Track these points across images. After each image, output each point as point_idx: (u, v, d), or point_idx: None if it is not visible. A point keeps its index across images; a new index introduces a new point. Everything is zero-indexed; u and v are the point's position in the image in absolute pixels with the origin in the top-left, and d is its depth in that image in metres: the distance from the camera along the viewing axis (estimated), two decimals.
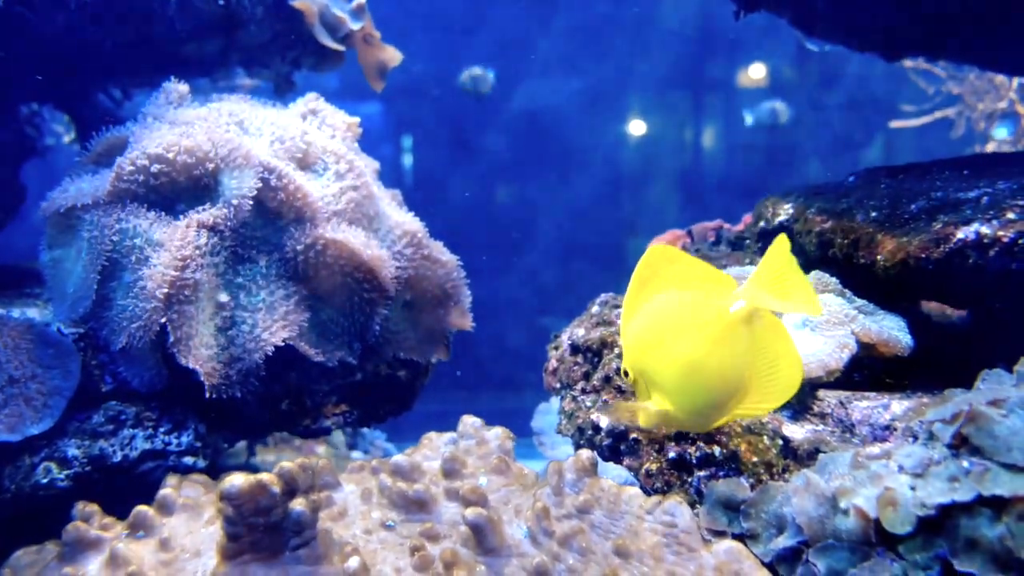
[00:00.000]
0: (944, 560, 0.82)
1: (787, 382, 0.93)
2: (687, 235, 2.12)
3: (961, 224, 1.12)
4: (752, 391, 0.94)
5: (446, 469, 1.15)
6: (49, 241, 1.40)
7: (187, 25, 1.66)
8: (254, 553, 0.91)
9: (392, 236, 1.55)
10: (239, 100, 1.58)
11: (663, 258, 0.99)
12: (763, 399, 0.94)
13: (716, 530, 1.04)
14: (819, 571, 0.89)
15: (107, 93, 2.08)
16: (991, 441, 0.85)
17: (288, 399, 1.49)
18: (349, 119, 1.65)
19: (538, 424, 2.61)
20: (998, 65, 2.28)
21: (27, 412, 1.23)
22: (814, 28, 1.98)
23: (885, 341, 1.15)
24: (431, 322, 1.62)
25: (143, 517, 1.09)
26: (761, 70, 4.95)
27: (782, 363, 0.93)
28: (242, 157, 1.34)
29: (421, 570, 0.97)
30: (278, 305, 1.36)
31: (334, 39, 1.90)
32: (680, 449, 1.13)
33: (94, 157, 1.48)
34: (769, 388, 0.93)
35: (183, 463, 1.33)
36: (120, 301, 1.28)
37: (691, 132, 5.06)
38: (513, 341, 4.59)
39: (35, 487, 1.23)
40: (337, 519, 1.09)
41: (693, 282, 0.97)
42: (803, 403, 1.13)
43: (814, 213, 1.39)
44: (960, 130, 3.47)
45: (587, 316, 1.56)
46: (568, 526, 1.04)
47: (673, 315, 0.97)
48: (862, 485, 0.91)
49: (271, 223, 1.40)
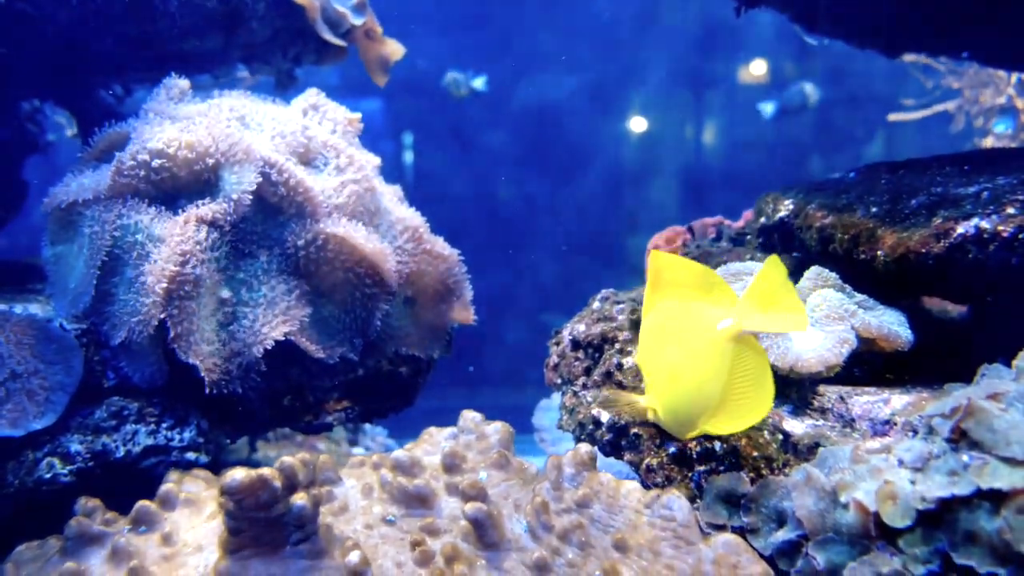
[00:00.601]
0: (943, 553, 0.83)
1: (754, 409, 0.95)
2: (688, 231, 2.12)
3: (961, 219, 1.12)
4: (723, 409, 0.96)
5: (446, 464, 1.15)
6: (51, 237, 1.40)
7: (189, 21, 1.66)
8: (255, 547, 0.91)
9: (393, 231, 1.55)
10: (240, 96, 1.58)
11: (670, 265, 1.01)
12: (730, 420, 0.96)
13: (716, 524, 1.04)
14: (819, 564, 0.90)
15: (108, 89, 2.08)
16: (990, 435, 0.85)
17: (290, 395, 1.50)
18: (350, 114, 1.65)
19: (539, 420, 2.62)
20: (998, 60, 2.27)
21: (30, 407, 1.24)
22: (815, 24, 1.98)
23: (885, 336, 1.15)
24: (432, 318, 1.62)
25: (145, 512, 1.09)
26: (762, 66, 4.95)
27: (755, 389, 0.95)
28: (242, 152, 1.34)
29: (422, 565, 0.98)
30: (279, 300, 1.36)
31: (336, 34, 1.90)
32: (680, 444, 1.13)
33: (96, 153, 1.48)
34: (738, 410, 0.95)
35: (185, 459, 1.33)
36: (122, 296, 1.29)
37: (692, 128, 5.06)
38: (514, 337, 4.60)
39: (38, 482, 1.23)
40: (338, 514, 1.09)
41: (699, 290, 0.98)
42: (803, 398, 1.14)
43: (815, 209, 1.39)
44: (959, 124, 3.47)
45: (588, 312, 1.56)
46: (567, 520, 1.04)
47: (670, 322, 1.00)
48: (862, 479, 0.91)
49: (272, 218, 1.40)
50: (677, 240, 2.04)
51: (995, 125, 3.30)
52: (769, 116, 4.01)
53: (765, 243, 1.68)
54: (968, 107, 3.43)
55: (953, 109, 3.48)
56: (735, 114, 5.04)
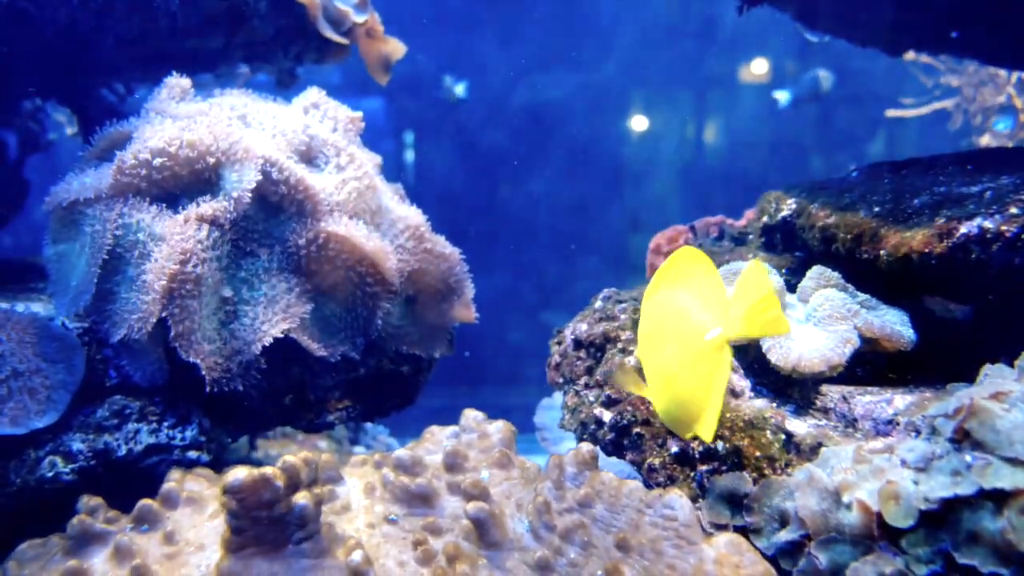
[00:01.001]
0: (946, 554, 0.82)
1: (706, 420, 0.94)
2: (689, 230, 2.11)
3: (964, 219, 1.12)
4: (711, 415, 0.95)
5: (448, 463, 1.15)
6: (53, 235, 1.40)
7: (190, 20, 1.66)
8: (258, 546, 0.91)
9: (395, 230, 1.55)
10: (241, 94, 1.58)
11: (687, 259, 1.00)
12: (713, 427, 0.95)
13: (719, 523, 1.04)
14: (821, 564, 0.90)
15: (110, 88, 2.08)
16: (993, 435, 0.85)
17: (291, 394, 1.49)
18: (351, 113, 1.65)
19: (541, 420, 2.61)
20: (999, 59, 2.27)
21: (32, 406, 1.24)
22: (816, 21, 1.98)
23: (888, 336, 1.15)
24: (434, 316, 1.62)
25: (147, 511, 1.09)
26: (763, 65, 4.94)
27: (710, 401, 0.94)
28: (243, 151, 1.34)
29: (424, 564, 0.98)
30: (279, 298, 1.36)
31: (337, 33, 1.90)
32: (683, 444, 1.13)
33: (97, 152, 1.48)
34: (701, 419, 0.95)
35: (187, 457, 1.33)
36: (123, 295, 1.29)
37: (693, 127, 5.05)
38: (514, 337, 4.60)
39: (40, 481, 1.23)
40: (340, 513, 1.09)
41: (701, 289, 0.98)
42: (806, 398, 1.14)
43: (817, 208, 1.39)
44: (957, 123, 3.47)
45: (590, 311, 1.56)
46: (569, 520, 1.04)
47: (666, 322, 1.00)
48: (864, 479, 0.91)
49: (273, 216, 1.40)
50: (679, 239, 2.04)
51: (995, 124, 3.30)
52: (784, 104, 3.97)
53: (767, 242, 1.67)
54: (967, 105, 3.43)
55: (951, 107, 3.48)
56: (736, 113, 5.04)
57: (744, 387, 1.17)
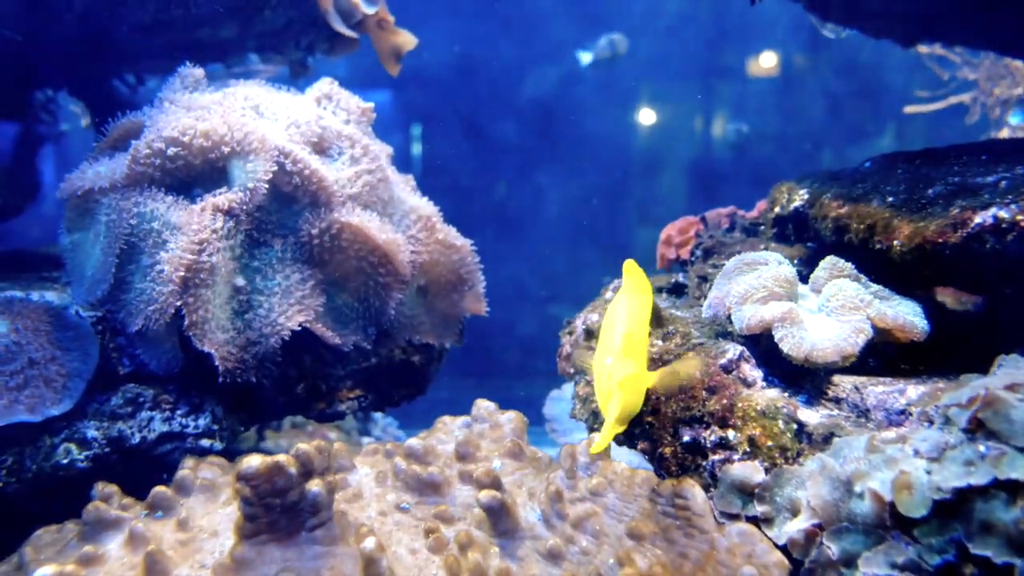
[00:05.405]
0: (959, 543, 0.82)
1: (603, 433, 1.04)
2: (700, 222, 2.11)
3: (979, 209, 1.11)
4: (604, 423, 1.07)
5: (460, 452, 1.16)
6: (68, 224, 1.41)
7: (204, 9, 1.66)
8: (271, 533, 0.92)
9: (407, 221, 1.55)
10: (254, 85, 1.58)
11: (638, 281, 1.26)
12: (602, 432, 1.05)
13: (731, 513, 1.04)
14: (833, 554, 0.90)
15: (122, 79, 2.09)
16: (1007, 425, 0.84)
17: (303, 383, 1.50)
18: (363, 104, 1.65)
19: (550, 411, 2.62)
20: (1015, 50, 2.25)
21: (47, 394, 1.25)
22: (829, 13, 1.97)
23: (901, 326, 1.14)
24: (445, 307, 1.63)
25: (161, 498, 1.10)
26: (772, 58, 4.91)
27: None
28: (257, 141, 1.35)
29: (436, 552, 0.98)
30: (294, 289, 1.37)
31: (348, 25, 1.90)
32: (695, 433, 1.13)
33: (111, 142, 1.49)
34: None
35: (200, 445, 1.34)
36: (138, 284, 1.29)
37: (702, 120, 5.03)
38: (523, 329, 4.59)
39: (55, 467, 1.24)
40: (352, 501, 1.09)
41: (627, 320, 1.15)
42: (818, 388, 1.13)
43: (830, 198, 1.39)
44: (975, 116, 3.43)
45: (600, 301, 1.56)
46: (581, 509, 1.04)
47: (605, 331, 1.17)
48: (877, 469, 0.91)
49: (286, 207, 1.40)
50: (690, 230, 2.04)
51: (1011, 116, 3.26)
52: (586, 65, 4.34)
53: (779, 233, 1.67)
54: (983, 98, 3.39)
55: (968, 100, 3.44)
56: (746, 106, 5.01)
57: (756, 376, 1.17)
